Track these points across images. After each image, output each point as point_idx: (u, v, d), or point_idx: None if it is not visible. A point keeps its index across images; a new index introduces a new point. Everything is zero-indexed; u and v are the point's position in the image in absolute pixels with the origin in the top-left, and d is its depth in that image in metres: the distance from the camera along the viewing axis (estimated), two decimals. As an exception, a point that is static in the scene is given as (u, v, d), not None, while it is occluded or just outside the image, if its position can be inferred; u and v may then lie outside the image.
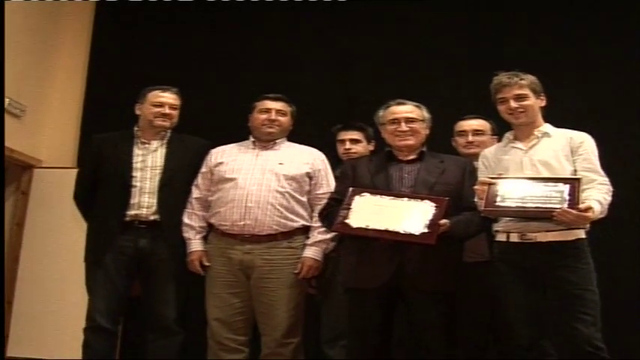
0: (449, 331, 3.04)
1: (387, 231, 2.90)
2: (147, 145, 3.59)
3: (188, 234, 3.52)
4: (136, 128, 3.65)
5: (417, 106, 3.27)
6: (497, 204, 2.88)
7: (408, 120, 3.20)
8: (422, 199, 2.97)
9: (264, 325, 3.40)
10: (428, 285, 2.97)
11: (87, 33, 5.44)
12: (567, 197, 2.76)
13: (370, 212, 2.96)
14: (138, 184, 3.49)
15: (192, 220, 3.54)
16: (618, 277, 4.01)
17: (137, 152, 3.57)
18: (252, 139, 3.63)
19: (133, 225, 3.46)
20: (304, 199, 3.50)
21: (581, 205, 2.75)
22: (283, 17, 5.11)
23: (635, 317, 4.13)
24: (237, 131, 3.73)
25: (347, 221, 2.98)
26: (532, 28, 4.74)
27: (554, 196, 2.78)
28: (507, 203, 2.86)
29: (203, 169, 3.59)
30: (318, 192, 3.50)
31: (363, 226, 2.94)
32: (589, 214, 2.76)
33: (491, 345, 3.49)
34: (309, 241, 3.45)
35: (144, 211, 3.47)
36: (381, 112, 3.30)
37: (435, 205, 2.92)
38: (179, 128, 3.71)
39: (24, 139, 4.93)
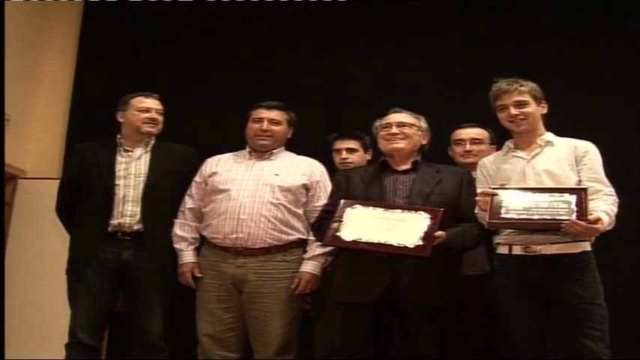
0: (445, 346, 2.96)
1: (380, 244, 2.82)
2: (130, 153, 3.51)
3: (179, 245, 3.42)
4: (118, 136, 3.57)
5: (414, 117, 3.21)
6: (502, 216, 2.79)
7: (400, 124, 3.15)
8: (416, 210, 2.90)
9: (256, 342, 3.31)
10: (423, 299, 2.89)
11: (73, 41, 5.32)
12: (575, 208, 2.68)
13: (362, 225, 2.89)
14: (121, 192, 3.40)
15: (184, 231, 3.45)
16: (625, 291, 3.87)
17: (120, 160, 3.48)
18: (248, 148, 3.53)
19: (116, 236, 3.37)
20: (300, 211, 3.40)
21: (591, 217, 2.68)
22: (273, 23, 5.01)
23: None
24: (226, 140, 3.66)
25: (338, 234, 2.90)
26: (530, 34, 4.65)
27: (562, 207, 2.70)
28: (512, 215, 2.77)
29: (197, 179, 3.50)
30: (315, 204, 3.39)
31: (356, 239, 2.86)
32: (598, 225, 2.69)
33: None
34: (307, 255, 3.36)
35: (127, 220, 3.38)
36: (377, 122, 3.25)
37: (429, 216, 2.85)
38: (166, 136, 3.64)
39: (8, 149, 4.77)
